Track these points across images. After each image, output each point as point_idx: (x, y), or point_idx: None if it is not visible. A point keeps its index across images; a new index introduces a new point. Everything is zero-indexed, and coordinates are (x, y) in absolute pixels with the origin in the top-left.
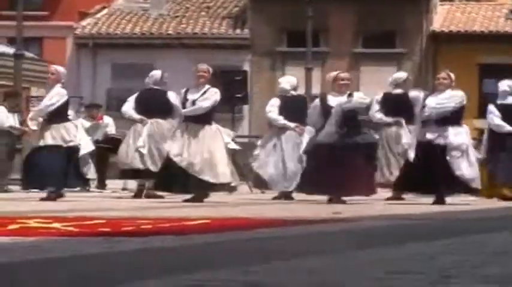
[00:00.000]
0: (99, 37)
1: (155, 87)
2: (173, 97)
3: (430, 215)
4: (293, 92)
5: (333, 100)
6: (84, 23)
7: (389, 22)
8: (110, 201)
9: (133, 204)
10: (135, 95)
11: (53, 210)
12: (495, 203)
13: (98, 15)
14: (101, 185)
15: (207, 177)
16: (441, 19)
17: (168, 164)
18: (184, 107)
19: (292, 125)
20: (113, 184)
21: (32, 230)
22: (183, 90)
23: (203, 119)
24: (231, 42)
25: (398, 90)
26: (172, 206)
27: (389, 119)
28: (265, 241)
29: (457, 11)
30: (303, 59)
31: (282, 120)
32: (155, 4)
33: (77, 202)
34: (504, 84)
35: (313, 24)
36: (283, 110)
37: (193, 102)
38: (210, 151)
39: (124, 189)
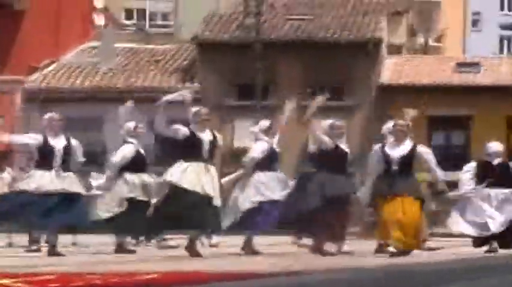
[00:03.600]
0: (49, 91)
1: None
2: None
3: (383, 268)
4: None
5: None
6: (33, 77)
7: (338, 75)
8: (60, 256)
9: (83, 259)
10: None
11: (1, 266)
12: (445, 255)
13: (47, 70)
14: None
15: None
16: (389, 72)
17: None
18: None
19: None
20: (62, 238)
21: None
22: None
23: None
24: None
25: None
26: (122, 261)
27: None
28: None
29: (405, 64)
30: (252, 112)
31: None
32: (104, 58)
33: (26, 257)
34: None
35: (262, 77)
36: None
37: None
38: None
39: (74, 244)
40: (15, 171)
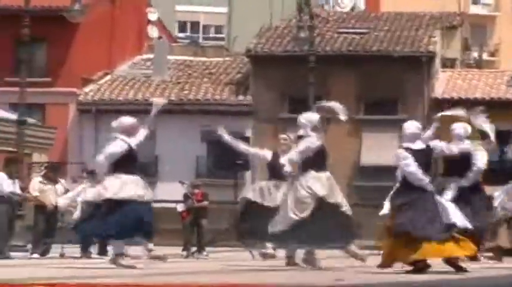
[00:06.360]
0: (102, 103)
1: None
2: None
3: (433, 283)
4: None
5: None
6: (86, 89)
7: (391, 88)
8: (112, 268)
9: (134, 271)
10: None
11: (53, 277)
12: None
13: (101, 82)
14: (102, 252)
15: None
16: (443, 86)
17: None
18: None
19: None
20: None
21: None
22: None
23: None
24: (233, 109)
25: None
26: (173, 273)
27: None
28: None
29: (459, 78)
30: None
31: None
32: (158, 70)
33: (77, 269)
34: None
35: (315, 91)
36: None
37: None
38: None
39: (125, 256)
40: (67, 182)
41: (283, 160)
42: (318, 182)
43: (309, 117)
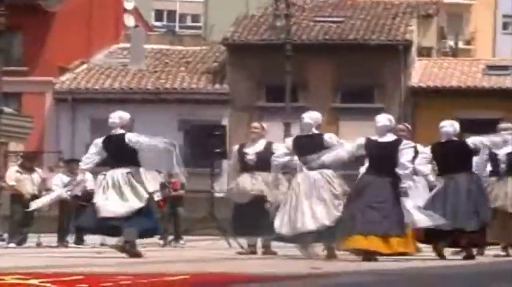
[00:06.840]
0: (78, 92)
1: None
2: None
3: (406, 271)
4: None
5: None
6: (63, 78)
7: (368, 77)
8: (89, 257)
9: (112, 260)
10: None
11: (30, 266)
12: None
13: (77, 71)
14: (79, 241)
15: None
16: (419, 74)
17: None
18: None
19: None
20: (91, 239)
21: (9, 286)
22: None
23: None
24: (210, 97)
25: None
26: (151, 262)
27: None
28: None
29: (435, 67)
30: (281, 114)
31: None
32: (134, 59)
33: (54, 258)
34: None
35: (292, 79)
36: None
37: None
38: None
39: (102, 244)
40: (44, 172)
41: (250, 149)
42: (341, 180)
43: (314, 115)
